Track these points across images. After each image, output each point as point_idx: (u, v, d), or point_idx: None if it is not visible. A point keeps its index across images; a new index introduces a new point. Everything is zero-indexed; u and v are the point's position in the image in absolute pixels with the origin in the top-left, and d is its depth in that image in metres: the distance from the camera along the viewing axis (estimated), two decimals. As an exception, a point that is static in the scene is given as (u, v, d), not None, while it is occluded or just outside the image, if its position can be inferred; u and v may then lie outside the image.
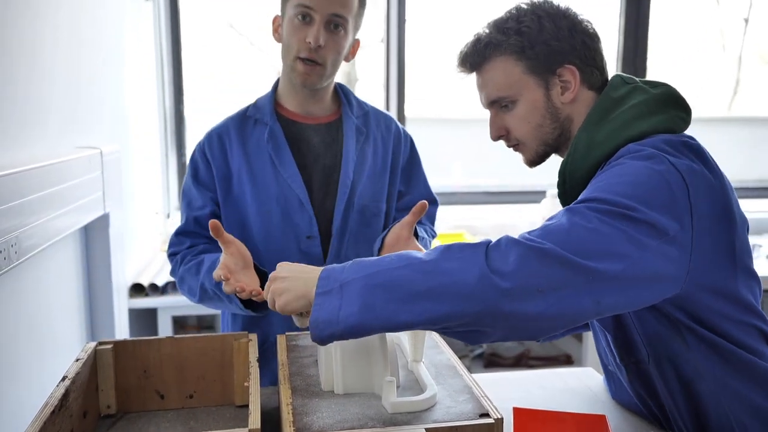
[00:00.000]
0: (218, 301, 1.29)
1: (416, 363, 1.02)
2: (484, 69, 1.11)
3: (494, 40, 1.08)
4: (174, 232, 1.40)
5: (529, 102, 1.08)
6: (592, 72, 1.08)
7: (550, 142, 1.10)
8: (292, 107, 1.39)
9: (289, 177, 1.34)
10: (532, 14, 1.07)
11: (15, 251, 1.21)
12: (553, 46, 1.05)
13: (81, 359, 1.06)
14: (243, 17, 3.16)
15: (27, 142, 1.39)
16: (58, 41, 1.55)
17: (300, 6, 1.26)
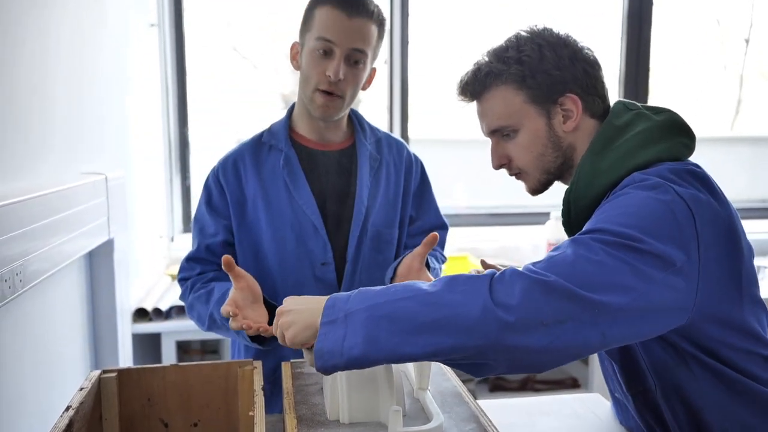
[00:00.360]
0: (227, 332, 1.30)
1: (422, 391, 1.01)
2: (484, 98, 1.11)
3: (494, 69, 1.08)
4: (185, 258, 1.40)
5: (530, 131, 1.08)
6: (593, 100, 1.07)
7: (552, 170, 1.10)
8: (307, 133, 1.39)
9: (304, 203, 1.34)
10: (532, 43, 1.06)
11: (20, 279, 1.21)
12: (554, 75, 1.05)
13: (85, 388, 1.06)
14: (247, 41, 3.19)
15: (31, 169, 1.40)
16: (62, 67, 1.56)
17: (321, 39, 1.27)
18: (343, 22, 1.26)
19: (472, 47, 3.43)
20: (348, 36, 1.26)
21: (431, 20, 3.19)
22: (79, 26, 1.68)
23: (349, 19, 1.26)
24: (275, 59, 3.32)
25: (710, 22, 3.72)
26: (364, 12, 1.27)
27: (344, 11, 1.25)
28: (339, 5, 1.26)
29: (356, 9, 1.26)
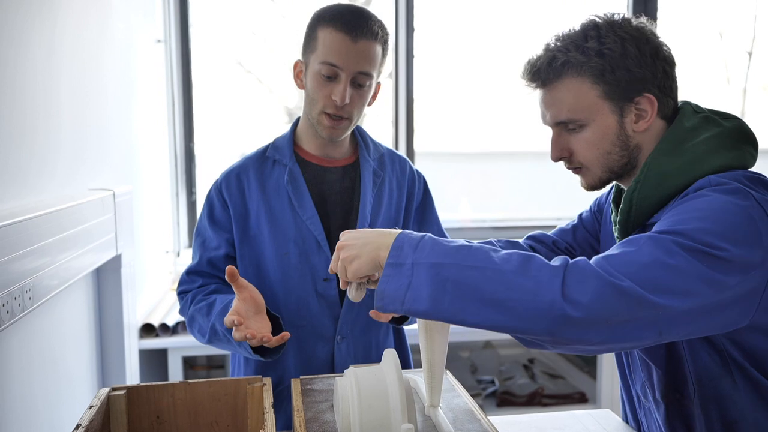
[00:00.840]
0: (228, 344, 1.28)
1: (433, 408, 1.01)
2: (554, 87, 1.05)
3: (573, 59, 1.01)
4: (185, 271, 1.39)
5: (600, 128, 1.03)
6: (667, 101, 1.04)
7: (615, 169, 1.06)
8: (311, 149, 1.39)
9: (308, 219, 1.34)
10: (614, 35, 1.00)
11: (30, 297, 1.21)
12: (635, 72, 1.00)
13: (94, 406, 1.05)
14: (251, 55, 3.21)
15: (40, 186, 1.40)
16: (68, 82, 1.57)
17: (326, 64, 1.25)
18: (348, 45, 1.24)
19: (476, 60, 3.45)
20: (353, 60, 1.24)
21: (436, 34, 3.21)
22: (85, 42, 1.69)
23: (353, 43, 1.24)
24: (280, 73, 3.35)
25: (713, 36, 3.73)
26: (369, 34, 1.25)
27: (348, 34, 1.24)
28: (343, 28, 1.24)
29: (361, 32, 1.24)
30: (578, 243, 1.31)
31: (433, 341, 0.99)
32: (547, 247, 1.31)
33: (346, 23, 1.24)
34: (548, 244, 1.32)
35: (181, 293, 1.38)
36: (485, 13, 3.42)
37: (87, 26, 1.71)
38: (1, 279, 1.12)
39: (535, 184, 3.69)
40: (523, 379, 2.68)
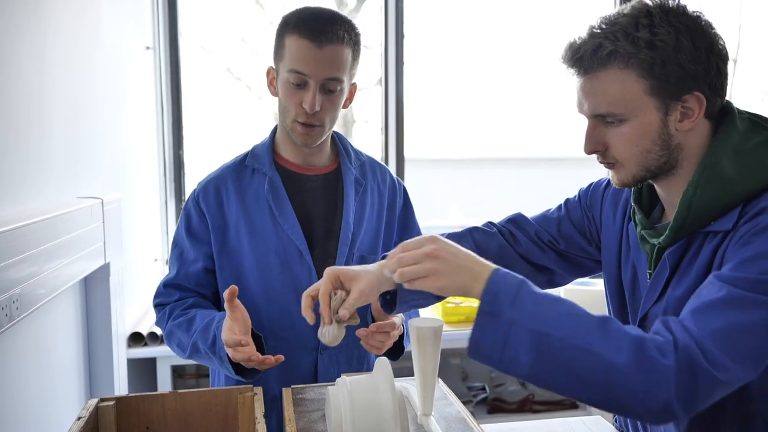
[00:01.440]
0: (208, 360, 1.27)
1: (426, 417, 1.00)
2: (597, 76, 0.97)
3: (621, 49, 0.94)
4: (162, 283, 1.37)
5: (641, 124, 0.96)
6: (717, 101, 0.97)
7: (652, 168, 1.00)
8: (291, 157, 1.37)
9: (289, 228, 1.32)
10: (668, 25, 0.92)
11: (17, 307, 1.20)
12: (688, 69, 0.92)
13: (83, 417, 1.04)
14: (240, 63, 3.21)
15: (29, 194, 1.39)
16: (58, 89, 1.56)
17: (293, 72, 1.23)
18: (314, 52, 1.21)
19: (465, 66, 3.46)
20: (320, 67, 1.22)
21: (425, 40, 3.22)
22: (75, 49, 1.68)
23: (319, 49, 1.21)
24: (267, 79, 3.34)
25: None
26: (335, 39, 1.22)
27: (313, 41, 1.21)
28: (308, 35, 1.21)
29: (326, 37, 1.21)
30: (563, 236, 1.26)
31: (425, 350, 0.99)
32: (527, 236, 1.26)
33: (311, 29, 1.21)
34: (530, 234, 1.26)
35: (158, 305, 1.36)
36: (474, 19, 3.44)
37: (78, 34, 1.70)
38: None
39: (524, 189, 3.71)
40: (514, 386, 2.68)
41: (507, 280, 0.89)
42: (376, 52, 2.99)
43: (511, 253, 1.24)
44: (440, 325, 0.98)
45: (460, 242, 1.21)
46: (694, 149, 0.99)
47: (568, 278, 1.29)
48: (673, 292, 1.02)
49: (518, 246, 1.25)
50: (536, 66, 3.37)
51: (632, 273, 1.12)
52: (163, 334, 1.35)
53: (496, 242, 1.25)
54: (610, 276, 1.18)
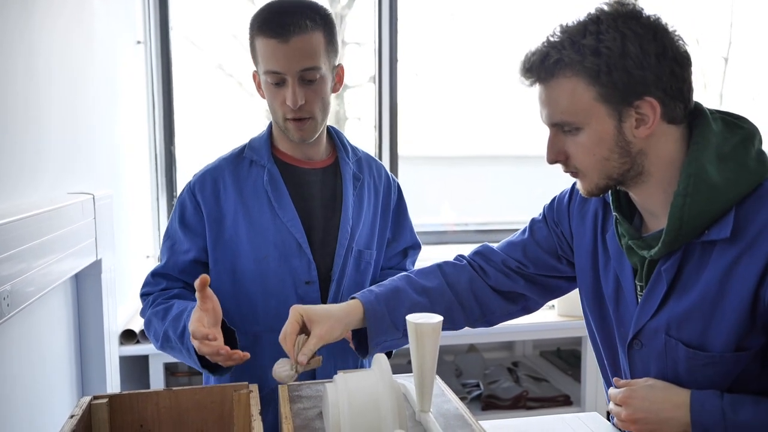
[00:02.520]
0: (178, 353, 1.25)
1: (424, 413, 1.00)
2: (549, 85, 0.97)
3: (566, 57, 0.94)
4: (151, 272, 1.35)
5: (596, 132, 0.96)
6: (675, 105, 0.95)
7: (614, 176, 0.99)
8: (288, 150, 1.36)
9: (288, 221, 1.31)
10: (615, 30, 0.91)
11: (7, 303, 1.18)
12: (635, 75, 0.91)
13: (76, 415, 1.02)
14: (232, 59, 3.18)
15: (19, 190, 1.37)
16: (51, 82, 1.54)
17: (268, 73, 1.23)
18: (282, 48, 1.20)
19: (458, 64, 3.46)
20: (291, 61, 1.20)
21: (417, 37, 3.21)
22: (68, 42, 1.66)
23: (286, 44, 1.20)
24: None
25: (690, 42, 3.78)
26: (298, 29, 1.20)
27: (277, 38, 1.20)
28: (271, 33, 1.20)
29: (288, 30, 1.19)
30: (530, 260, 1.24)
31: (423, 346, 0.98)
32: (495, 267, 1.25)
33: (272, 27, 1.20)
34: (497, 264, 1.25)
35: (143, 295, 1.34)
36: (466, 16, 3.43)
37: (71, 28, 1.68)
38: None
39: (516, 186, 3.71)
40: (508, 383, 2.68)
41: (705, 410, 0.94)
42: (368, 48, 2.98)
43: (482, 285, 1.25)
44: (439, 321, 0.97)
45: (428, 278, 1.23)
46: (663, 155, 0.98)
47: (541, 302, 1.30)
48: (675, 307, 1.01)
49: (488, 279, 1.25)
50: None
51: (615, 285, 1.11)
52: (144, 322, 1.32)
53: (467, 276, 1.25)
54: (587, 288, 1.18)
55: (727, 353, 0.96)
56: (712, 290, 0.96)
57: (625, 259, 1.08)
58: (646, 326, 1.04)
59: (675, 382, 1.02)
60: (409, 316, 0.98)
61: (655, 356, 1.04)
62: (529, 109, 3.61)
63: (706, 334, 0.98)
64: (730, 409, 0.93)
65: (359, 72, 3.01)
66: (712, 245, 0.97)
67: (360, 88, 3.11)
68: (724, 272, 0.95)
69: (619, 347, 1.12)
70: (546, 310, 2.57)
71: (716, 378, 0.98)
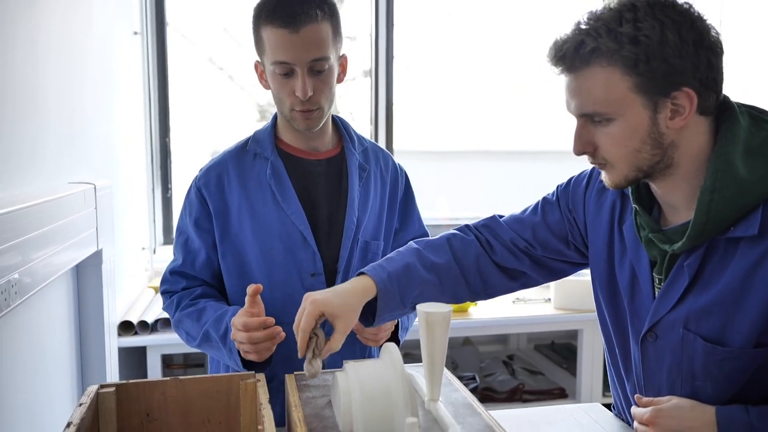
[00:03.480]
0: (218, 350, 1.27)
1: (433, 402, 1.00)
2: (582, 75, 0.94)
3: (603, 46, 0.91)
4: (168, 269, 1.37)
5: (629, 124, 0.93)
6: (710, 96, 0.93)
7: (644, 168, 0.97)
8: (293, 142, 1.35)
9: (292, 213, 1.31)
10: (653, 18, 0.89)
11: (15, 291, 1.17)
12: (674, 64, 0.89)
13: (84, 404, 1.02)
14: (222, 52, 3.17)
15: (21, 179, 1.36)
16: (50, 71, 1.53)
17: (277, 63, 1.21)
18: (292, 39, 1.19)
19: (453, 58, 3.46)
20: (302, 51, 1.20)
21: (413, 32, 3.21)
22: (66, 32, 1.65)
23: (296, 34, 1.19)
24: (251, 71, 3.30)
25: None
26: (309, 19, 1.19)
27: (288, 27, 1.18)
28: (281, 23, 1.19)
29: (299, 20, 1.18)
30: (538, 242, 1.23)
31: (434, 336, 0.98)
32: (502, 243, 1.24)
33: (282, 17, 1.19)
34: (505, 241, 1.24)
35: (165, 293, 1.37)
36: (460, 11, 3.44)
37: (68, 16, 1.67)
38: None
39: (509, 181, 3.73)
40: (504, 376, 2.70)
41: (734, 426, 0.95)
42: (360, 43, 2.97)
43: (487, 261, 1.25)
44: (449, 310, 0.98)
45: (438, 253, 1.23)
46: (692, 147, 0.96)
47: (541, 281, 1.29)
48: (695, 302, 1.00)
49: (494, 254, 1.25)
50: (523, 60, 3.39)
51: (630, 276, 1.11)
52: (172, 321, 1.35)
53: (474, 251, 1.24)
54: (601, 278, 1.17)
55: (747, 349, 0.96)
56: (735, 287, 0.96)
57: (643, 251, 1.07)
58: (663, 319, 1.04)
59: (689, 377, 1.03)
60: (420, 306, 0.99)
61: (669, 349, 1.04)
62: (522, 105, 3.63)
63: (726, 329, 0.97)
64: (758, 423, 0.93)
65: (352, 66, 3.01)
66: (736, 242, 0.96)
67: (353, 82, 3.11)
68: (748, 269, 0.95)
69: (632, 339, 1.12)
70: (542, 304, 2.59)
71: (732, 373, 0.98)
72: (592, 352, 2.45)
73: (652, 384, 1.09)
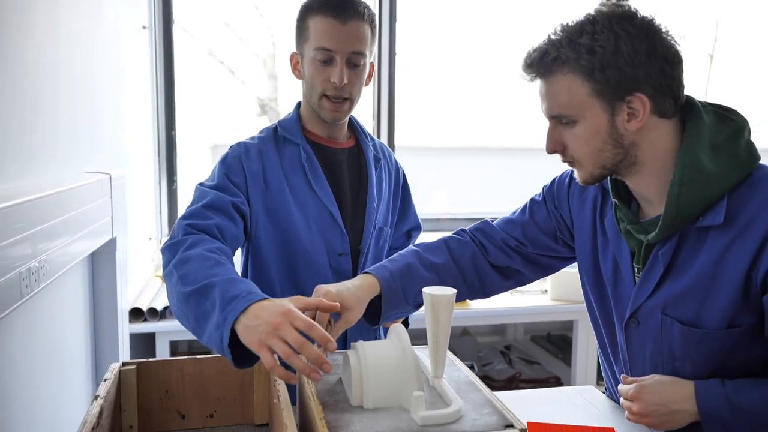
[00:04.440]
0: (201, 315, 1.02)
1: (437, 379, 1.06)
2: (548, 80, 1.05)
3: (563, 55, 1.01)
4: (201, 205, 1.23)
5: (590, 125, 1.04)
6: (664, 101, 1.02)
7: (608, 166, 1.07)
8: (317, 131, 1.44)
9: (324, 196, 1.39)
10: (609, 31, 0.99)
11: (35, 278, 1.21)
12: (626, 72, 0.99)
13: (108, 379, 1.08)
14: (223, 47, 3.21)
15: (40, 168, 1.40)
16: (64, 65, 1.57)
17: (320, 49, 1.31)
18: (338, 28, 1.29)
19: (454, 56, 3.52)
20: (345, 41, 1.30)
21: (415, 29, 3.26)
22: (79, 26, 1.69)
23: (343, 25, 1.29)
24: (252, 65, 3.35)
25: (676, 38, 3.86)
26: (356, 15, 1.30)
27: (337, 18, 1.29)
28: (331, 13, 1.29)
29: (348, 13, 1.29)
30: (529, 240, 1.32)
31: (439, 316, 1.04)
32: (495, 244, 1.33)
33: (333, 8, 1.29)
34: (497, 241, 1.33)
35: (189, 225, 1.18)
36: (464, 9, 3.49)
37: (82, 11, 1.71)
38: (2, 263, 1.10)
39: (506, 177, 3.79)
40: (501, 365, 2.77)
41: (713, 400, 1.02)
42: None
43: (483, 262, 1.33)
44: (453, 293, 1.04)
45: (436, 254, 1.31)
46: (656, 146, 1.05)
47: (533, 278, 1.38)
48: (671, 288, 1.08)
49: (488, 255, 1.33)
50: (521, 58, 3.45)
51: (613, 266, 1.18)
52: (175, 259, 1.12)
53: (470, 251, 1.33)
54: (587, 269, 1.25)
55: (721, 330, 1.04)
56: (706, 272, 1.04)
57: (623, 243, 1.16)
58: (643, 306, 1.12)
59: (669, 358, 1.10)
60: (425, 289, 1.05)
61: (650, 334, 1.12)
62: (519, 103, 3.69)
63: (700, 312, 1.05)
64: (734, 394, 1.01)
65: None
66: (706, 231, 1.04)
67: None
68: (718, 256, 1.03)
69: (617, 325, 1.19)
70: (539, 295, 2.65)
71: (708, 353, 1.06)
72: (586, 343, 2.52)
73: (637, 366, 1.16)
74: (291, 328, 0.91)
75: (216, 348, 1.00)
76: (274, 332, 0.91)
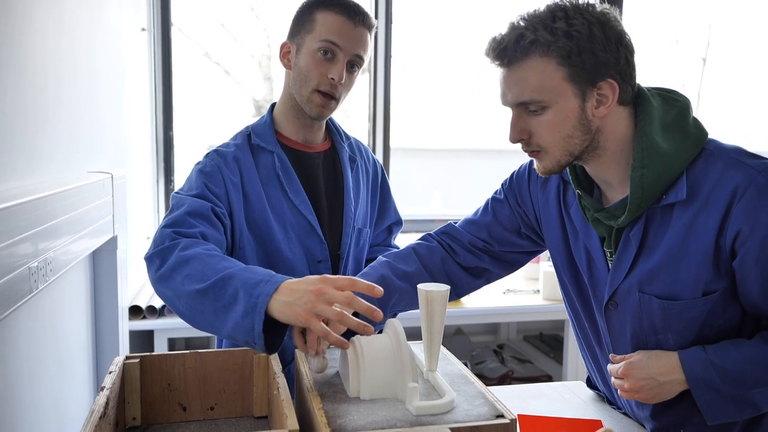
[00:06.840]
0: (221, 307, 1.03)
1: (431, 372, 1.10)
2: (519, 66, 1.05)
3: (541, 38, 1.02)
4: (184, 212, 1.22)
5: (561, 111, 1.05)
6: (627, 88, 1.06)
7: (576, 153, 1.09)
8: (291, 135, 1.42)
9: (300, 204, 1.37)
10: (582, 17, 1.02)
11: (43, 274, 1.24)
12: (600, 57, 1.02)
13: (113, 372, 1.11)
14: (219, 47, 3.23)
15: (43, 167, 1.43)
16: (65, 65, 1.60)
17: (327, 42, 1.31)
18: (349, 29, 1.31)
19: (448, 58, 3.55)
20: (353, 43, 1.32)
21: (409, 31, 3.30)
22: (80, 27, 1.71)
23: (354, 27, 1.32)
24: (247, 66, 3.37)
25: (670, 42, 3.92)
26: (365, 23, 1.34)
27: (350, 19, 1.31)
28: (345, 13, 1.31)
29: (360, 18, 1.33)
30: (494, 239, 1.35)
31: (433, 312, 1.08)
32: (462, 246, 1.36)
33: (347, 8, 1.32)
34: (464, 243, 1.36)
35: (178, 233, 1.17)
36: (456, 13, 3.53)
37: (83, 13, 1.73)
38: (9, 260, 1.12)
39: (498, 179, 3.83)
40: (494, 363, 2.80)
41: (698, 364, 1.07)
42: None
43: (452, 264, 1.37)
44: (447, 289, 1.08)
45: (407, 262, 1.34)
46: (615, 132, 1.09)
47: (502, 275, 1.42)
48: (644, 266, 1.12)
49: (456, 257, 1.37)
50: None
51: (586, 254, 1.22)
52: (168, 263, 1.12)
53: (439, 256, 1.37)
54: (562, 261, 1.28)
55: (696, 299, 1.09)
56: (676, 246, 1.09)
57: (592, 230, 1.19)
58: (620, 287, 1.16)
59: (651, 333, 1.15)
60: (421, 285, 1.09)
61: (630, 313, 1.16)
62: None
63: (675, 285, 1.10)
64: (716, 357, 1.06)
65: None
66: (671, 208, 1.09)
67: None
68: (685, 229, 1.08)
69: (596, 310, 1.23)
70: (531, 295, 2.70)
71: (688, 321, 1.11)
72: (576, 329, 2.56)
73: (620, 346, 1.20)
74: (334, 289, 0.95)
75: (243, 337, 1.01)
76: (319, 298, 0.94)
